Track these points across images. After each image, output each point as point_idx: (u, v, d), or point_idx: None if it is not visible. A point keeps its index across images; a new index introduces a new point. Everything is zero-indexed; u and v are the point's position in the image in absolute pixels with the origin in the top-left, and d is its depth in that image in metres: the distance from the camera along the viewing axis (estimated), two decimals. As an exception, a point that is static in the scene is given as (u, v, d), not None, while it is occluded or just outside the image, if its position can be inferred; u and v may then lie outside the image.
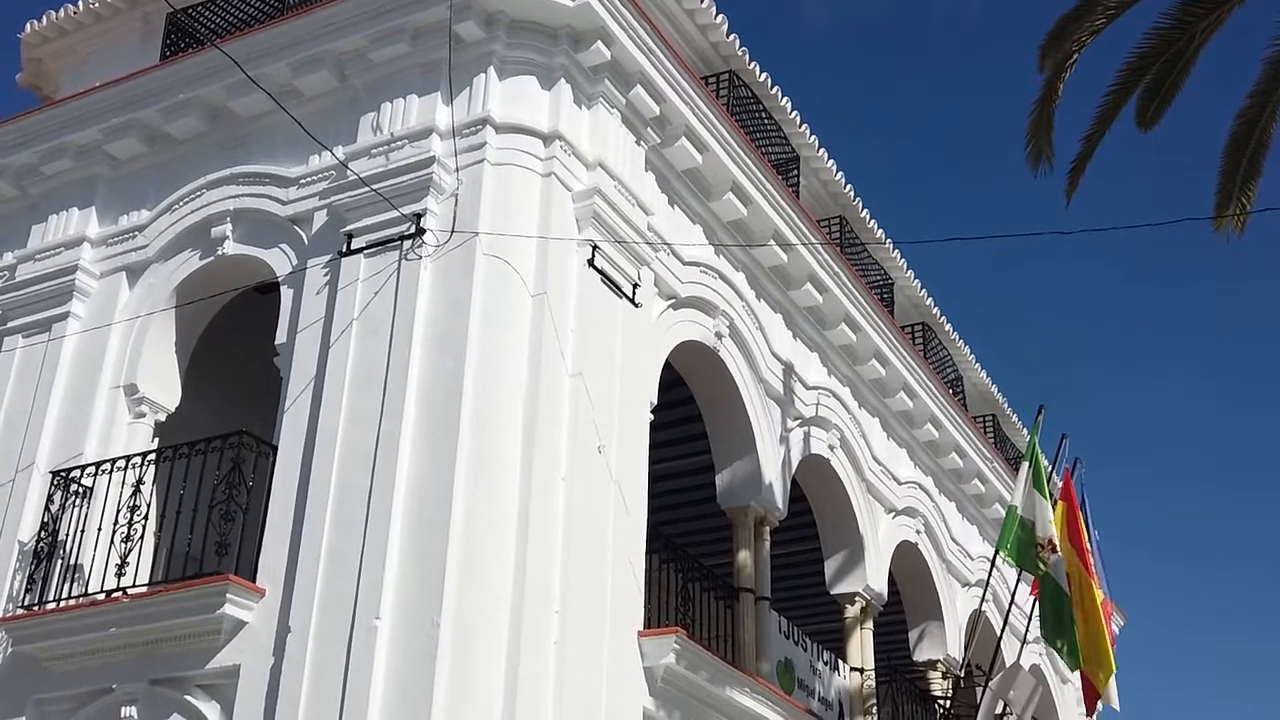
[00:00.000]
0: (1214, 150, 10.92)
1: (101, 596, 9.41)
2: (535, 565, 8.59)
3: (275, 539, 9.00)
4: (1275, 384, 46.60)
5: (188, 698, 8.82)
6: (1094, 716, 19.23)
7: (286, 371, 9.74)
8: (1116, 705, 13.55)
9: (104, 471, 9.99)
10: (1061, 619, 12.03)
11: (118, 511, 9.71)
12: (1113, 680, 13.45)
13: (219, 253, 10.67)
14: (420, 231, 9.44)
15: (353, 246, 9.70)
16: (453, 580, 8.21)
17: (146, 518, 9.66)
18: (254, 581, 8.89)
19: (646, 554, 10.15)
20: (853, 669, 14.10)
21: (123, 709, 8.99)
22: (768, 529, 12.88)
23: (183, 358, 11.01)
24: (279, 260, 10.32)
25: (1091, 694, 12.53)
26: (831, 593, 14.41)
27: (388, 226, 9.61)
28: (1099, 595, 12.23)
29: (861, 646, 14.29)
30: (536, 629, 8.46)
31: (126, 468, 9.88)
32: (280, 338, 9.93)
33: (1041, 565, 12.02)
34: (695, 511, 14.25)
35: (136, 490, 9.72)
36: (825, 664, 13.70)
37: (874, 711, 14.16)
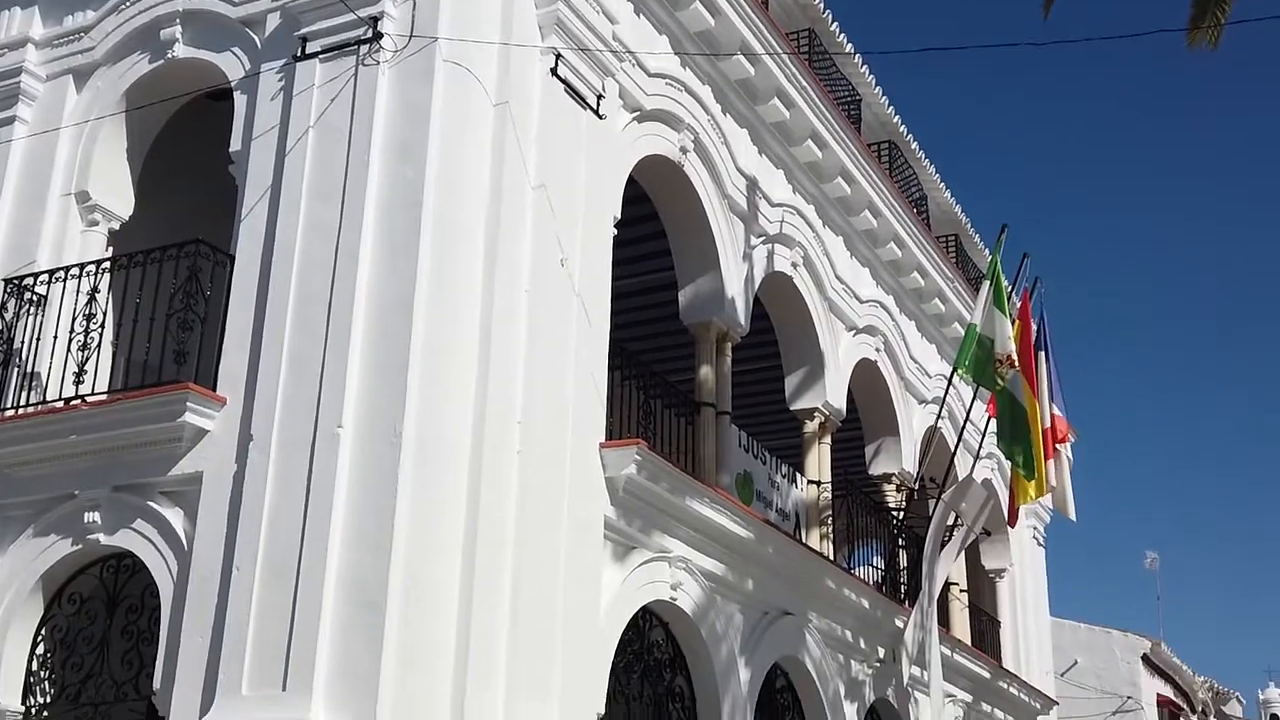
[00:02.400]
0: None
1: (61, 404, 9.37)
2: (497, 375, 8.62)
3: (235, 348, 8.94)
4: (1245, 204, 46.86)
5: (151, 504, 8.88)
6: (1040, 521, 19.95)
7: (242, 180, 9.52)
8: (1073, 516, 14.04)
9: (58, 279, 9.83)
10: (1018, 431, 12.32)
11: (73, 320, 9.60)
12: (1068, 491, 13.91)
13: (169, 56, 10.31)
14: (377, 36, 9.14)
15: (308, 51, 9.38)
16: (414, 389, 8.22)
17: (103, 326, 9.56)
18: (214, 390, 8.86)
19: (609, 370, 10.19)
20: (810, 482, 14.39)
21: (85, 514, 9.04)
22: (729, 345, 12.96)
23: (135, 165, 10.74)
24: (231, 65, 9.99)
25: (1012, 507, 13.04)
26: (791, 408, 14.60)
27: (344, 30, 9.28)
28: (1051, 412, 12.51)
29: (819, 461, 14.56)
30: (498, 438, 8.53)
31: (81, 276, 9.72)
32: (235, 145, 9.69)
33: (1000, 381, 12.26)
34: (658, 329, 14.29)
35: (92, 299, 9.59)
36: (783, 477, 13.97)
37: (829, 523, 14.53)
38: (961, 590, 17.97)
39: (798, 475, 14.32)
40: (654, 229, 12.72)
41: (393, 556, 7.80)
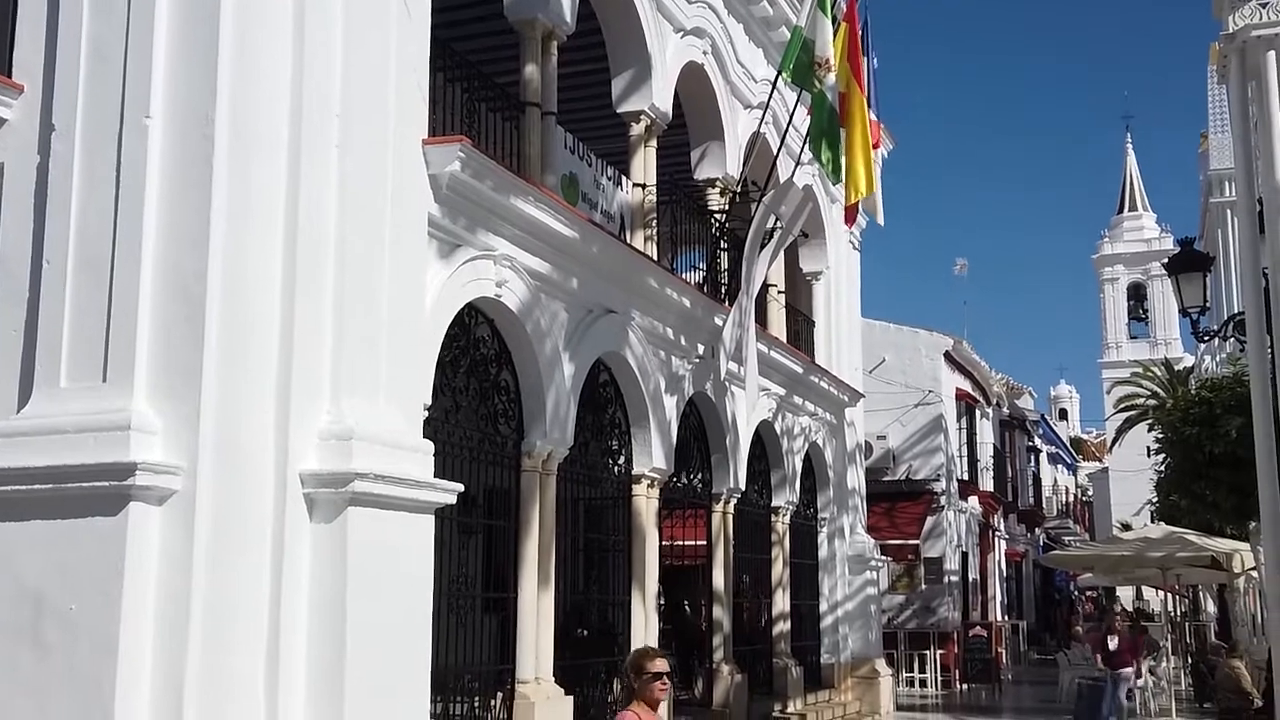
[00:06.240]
0: None
1: None
2: (312, 67, 8.34)
3: (29, 33, 8.37)
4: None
5: (-51, 196, 8.50)
6: (855, 226, 20.68)
7: None
8: (881, 220, 14.60)
9: None
10: (829, 135, 12.60)
11: None
12: (878, 196, 14.44)
13: None
14: None
15: None
16: (225, 77, 7.91)
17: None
18: (10, 77, 8.38)
19: (433, 70, 9.95)
20: (635, 185, 14.54)
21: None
22: (555, 44, 12.76)
23: None
24: None
25: (851, 207, 13.43)
26: (617, 111, 14.57)
27: None
28: (869, 116, 12.79)
29: (645, 164, 14.69)
30: (316, 131, 8.35)
31: None
32: None
33: (817, 83, 12.41)
34: (483, 28, 13.93)
35: None
36: (609, 179, 14.09)
37: (653, 225, 14.79)
38: (779, 291, 18.67)
39: (623, 178, 14.45)
40: (477, -82, 12.21)
41: (210, 248, 7.69)
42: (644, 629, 13.66)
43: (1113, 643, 18.92)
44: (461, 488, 9.28)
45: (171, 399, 7.61)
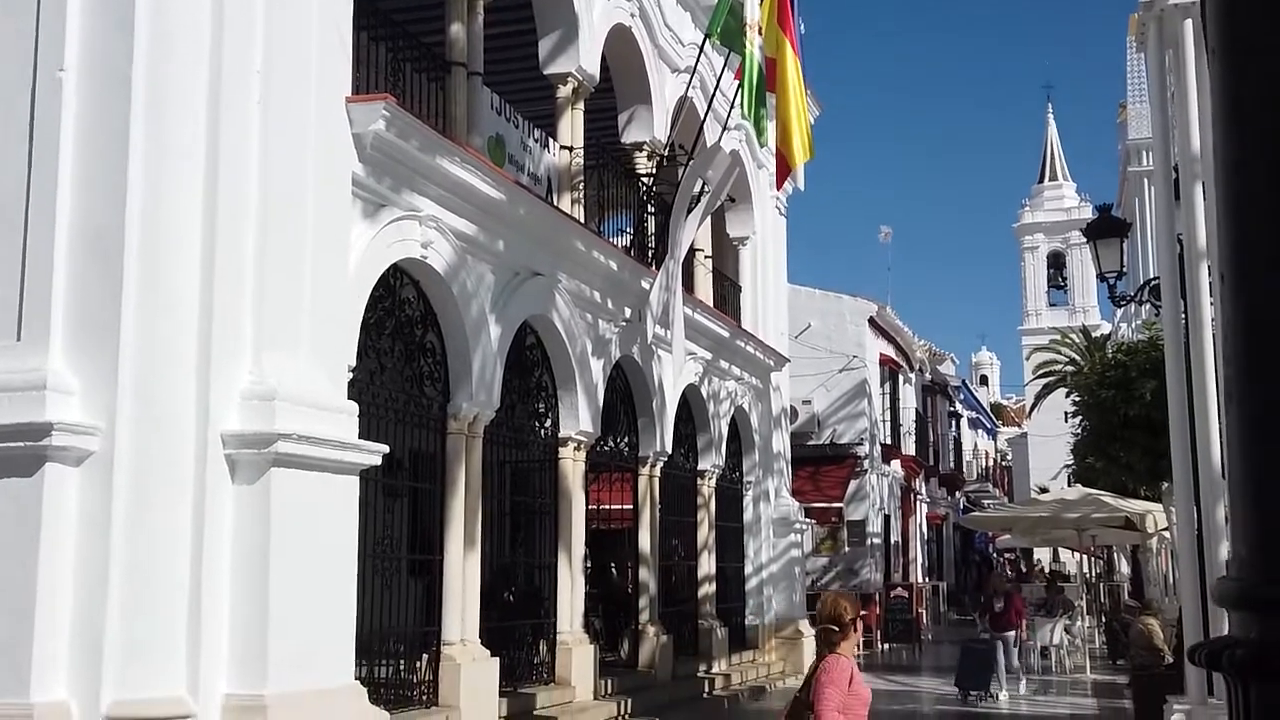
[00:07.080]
0: None
1: None
2: (234, 19, 8.20)
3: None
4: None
5: None
6: (782, 191, 20.79)
7: None
8: (801, 184, 14.68)
9: None
10: (758, 97, 12.65)
11: None
12: (800, 164, 14.51)
13: None
14: None
15: None
16: (142, 31, 7.75)
17: None
18: (-84, 27, 8.13)
19: (357, 29, 9.81)
20: (562, 147, 14.47)
21: None
22: (481, 3, 12.63)
23: None
24: None
25: (783, 169, 13.49)
26: (544, 72, 14.47)
27: None
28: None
29: (572, 126, 14.61)
30: (237, 86, 8.21)
31: None
32: None
33: (747, 45, 12.44)
34: (408, -15, 13.74)
35: None
36: (536, 141, 14.01)
37: (581, 188, 14.74)
38: (706, 256, 18.72)
39: (550, 140, 14.37)
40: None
41: (128, 204, 7.56)
42: (570, 592, 13.70)
43: (998, 604, 19.24)
44: (386, 449, 9.24)
45: (89, 358, 7.48)
